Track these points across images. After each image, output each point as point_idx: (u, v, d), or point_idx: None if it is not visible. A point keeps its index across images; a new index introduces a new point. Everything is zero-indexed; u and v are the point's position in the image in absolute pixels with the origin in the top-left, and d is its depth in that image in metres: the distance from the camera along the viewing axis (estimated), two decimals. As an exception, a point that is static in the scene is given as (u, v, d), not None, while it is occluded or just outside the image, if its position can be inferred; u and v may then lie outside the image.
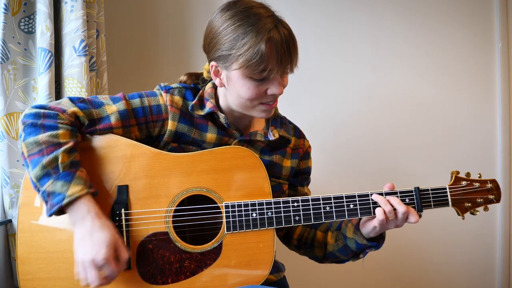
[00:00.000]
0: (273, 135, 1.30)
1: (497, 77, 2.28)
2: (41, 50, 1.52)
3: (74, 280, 1.12)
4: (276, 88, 1.15)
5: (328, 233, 1.37)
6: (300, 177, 1.43)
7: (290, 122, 1.43)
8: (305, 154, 1.43)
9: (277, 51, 1.10)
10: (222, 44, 1.14)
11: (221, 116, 1.24)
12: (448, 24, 2.27)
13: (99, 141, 1.18)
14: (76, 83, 1.59)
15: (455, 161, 2.28)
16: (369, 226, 1.22)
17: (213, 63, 1.19)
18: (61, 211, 1.07)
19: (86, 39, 1.61)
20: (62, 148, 1.08)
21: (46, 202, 1.06)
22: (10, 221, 1.54)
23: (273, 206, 1.18)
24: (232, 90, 1.19)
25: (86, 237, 1.05)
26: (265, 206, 1.17)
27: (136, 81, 2.14)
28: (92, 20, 1.70)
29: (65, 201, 1.04)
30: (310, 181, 1.48)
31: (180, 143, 1.24)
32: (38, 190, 1.07)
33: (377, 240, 1.27)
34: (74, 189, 1.05)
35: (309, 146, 1.44)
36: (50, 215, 1.06)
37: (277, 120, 1.36)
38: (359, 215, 1.21)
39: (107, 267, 1.03)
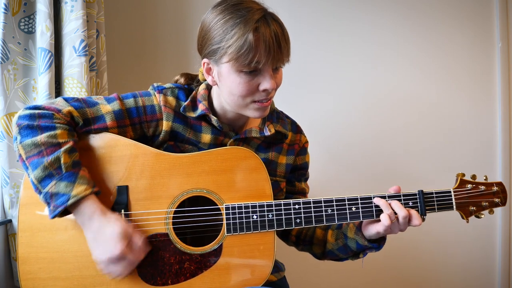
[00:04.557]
0: (269, 130, 1.28)
1: (497, 77, 2.28)
2: (41, 50, 1.51)
3: (74, 280, 1.13)
4: (268, 82, 1.13)
5: (328, 231, 1.37)
6: (297, 172, 1.41)
7: (287, 117, 1.41)
8: (302, 150, 1.41)
9: (265, 41, 1.08)
10: (212, 39, 1.13)
11: (213, 119, 1.23)
12: (449, 24, 2.27)
13: (99, 141, 1.17)
14: (76, 83, 1.59)
15: (455, 161, 2.28)
16: (372, 231, 1.21)
17: (205, 60, 1.19)
18: (64, 212, 1.07)
19: (86, 39, 1.60)
20: (63, 148, 1.07)
21: (49, 204, 1.06)
22: (10, 221, 1.54)
23: (273, 208, 1.17)
24: (224, 87, 1.17)
25: (97, 236, 1.06)
26: (265, 208, 1.17)
27: (136, 81, 2.14)
28: (92, 20, 1.70)
29: (70, 202, 1.04)
30: (308, 177, 1.47)
31: (176, 141, 1.24)
32: (40, 192, 1.06)
33: (378, 241, 1.27)
34: (79, 189, 1.05)
35: (306, 141, 1.42)
36: (54, 217, 1.05)
37: (273, 115, 1.34)
38: (361, 218, 1.20)
39: (127, 257, 1.05)
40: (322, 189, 1.99)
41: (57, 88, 1.64)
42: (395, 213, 1.17)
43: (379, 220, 1.19)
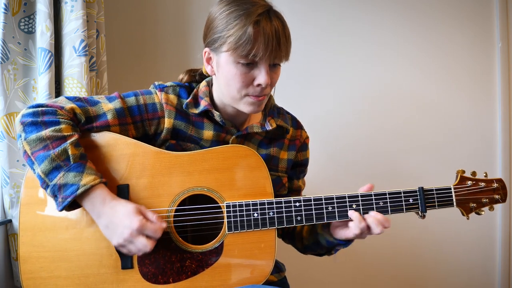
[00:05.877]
0: (270, 125, 1.29)
1: (497, 77, 2.28)
2: (41, 50, 1.51)
3: (75, 279, 1.12)
4: (263, 77, 1.14)
5: (304, 227, 1.39)
6: (297, 169, 1.42)
7: (287, 113, 1.42)
8: (303, 146, 1.42)
9: (264, 35, 1.10)
10: (215, 28, 1.16)
11: (216, 114, 1.23)
12: (449, 24, 2.27)
13: (99, 140, 1.17)
14: (76, 83, 1.59)
15: (455, 161, 2.28)
16: (341, 236, 1.23)
17: (206, 49, 1.21)
18: (73, 204, 1.07)
19: (86, 39, 1.60)
20: (69, 141, 1.08)
21: (56, 196, 1.06)
22: (10, 221, 1.53)
23: (274, 206, 1.17)
24: (221, 76, 1.19)
25: (111, 221, 1.06)
26: (266, 206, 1.17)
27: (136, 81, 2.14)
28: (92, 20, 1.70)
29: (80, 191, 1.04)
30: (306, 173, 1.47)
31: (178, 140, 1.24)
32: (47, 186, 1.06)
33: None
34: (88, 178, 1.06)
35: (307, 137, 1.43)
36: (62, 209, 1.05)
37: (274, 111, 1.35)
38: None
39: (147, 230, 1.05)
40: (321, 188, 1.99)
41: (57, 88, 1.63)
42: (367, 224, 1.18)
43: (348, 226, 1.20)
